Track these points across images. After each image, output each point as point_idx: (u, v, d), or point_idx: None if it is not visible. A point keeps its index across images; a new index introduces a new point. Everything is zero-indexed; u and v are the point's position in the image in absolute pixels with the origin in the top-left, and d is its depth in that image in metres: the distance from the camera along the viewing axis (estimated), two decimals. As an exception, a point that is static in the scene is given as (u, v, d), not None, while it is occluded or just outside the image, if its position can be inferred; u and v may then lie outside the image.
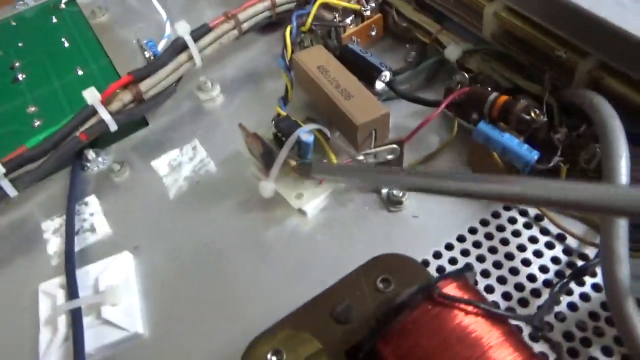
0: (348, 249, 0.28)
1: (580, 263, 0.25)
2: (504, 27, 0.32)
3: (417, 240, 0.27)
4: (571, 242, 0.26)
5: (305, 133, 0.29)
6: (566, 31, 0.28)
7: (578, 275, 0.23)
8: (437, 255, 0.27)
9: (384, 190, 0.29)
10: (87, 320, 0.26)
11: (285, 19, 0.40)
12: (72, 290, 0.27)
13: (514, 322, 0.21)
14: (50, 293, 0.28)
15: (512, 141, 0.26)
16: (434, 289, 0.18)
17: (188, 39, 0.34)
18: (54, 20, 0.48)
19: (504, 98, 0.27)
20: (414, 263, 0.21)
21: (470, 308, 0.18)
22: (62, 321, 0.26)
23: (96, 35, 0.45)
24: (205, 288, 0.27)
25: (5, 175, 0.30)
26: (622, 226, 0.21)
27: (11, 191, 0.31)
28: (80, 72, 0.42)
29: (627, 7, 0.26)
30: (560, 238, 0.26)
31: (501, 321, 0.18)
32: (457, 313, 0.18)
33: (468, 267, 0.19)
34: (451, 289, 0.19)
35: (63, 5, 0.49)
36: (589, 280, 0.24)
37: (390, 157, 0.28)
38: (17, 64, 0.44)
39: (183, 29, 0.34)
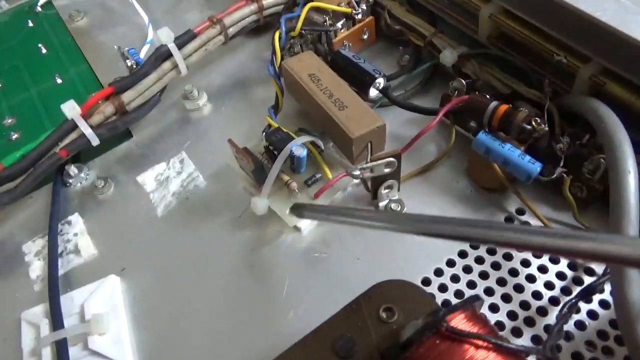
0: (346, 267, 0.27)
1: (585, 278, 0.24)
2: (501, 30, 0.31)
3: (418, 258, 0.26)
4: (576, 256, 0.25)
5: (298, 147, 0.27)
6: (566, 35, 0.27)
7: (586, 295, 0.22)
8: (439, 272, 0.26)
9: (382, 204, 0.28)
10: (73, 352, 0.25)
11: (273, 22, 0.38)
12: (56, 320, 0.26)
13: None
14: (34, 322, 0.26)
15: (513, 153, 0.25)
16: (442, 323, 0.17)
17: (172, 47, 0.33)
18: (30, 24, 0.46)
19: (504, 107, 0.26)
20: (417, 290, 0.20)
21: (480, 342, 0.17)
22: (47, 353, 0.25)
23: (75, 40, 0.43)
24: (197, 312, 0.26)
25: (-18, 196, 0.29)
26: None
27: (-12, 213, 0.29)
28: (59, 80, 0.40)
29: (630, 11, 0.25)
30: (565, 252, 0.25)
31: (512, 354, 0.17)
32: (466, 347, 0.17)
33: (476, 297, 0.18)
34: (460, 321, 0.18)
35: (39, 9, 0.47)
36: (596, 297, 0.24)
37: (387, 170, 0.27)
38: (-9, 72, 0.42)
39: (166, 36, 0.33)
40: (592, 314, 0.23)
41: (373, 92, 0.32)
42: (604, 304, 0.23)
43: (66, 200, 0.32)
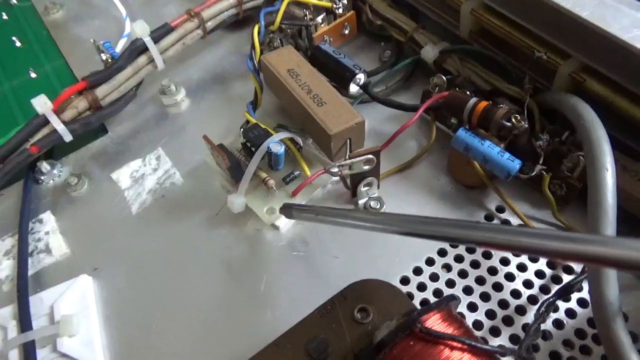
0: (325, 266, 0.26)
1: (564, 276, 0.24)
2: (482, 26, 0.30)
3: (397, 256, 0.26)
4: (555, 254, 0.25)
5: (276, 144, 0.27)
6: (547, 32, 0.27)
7: (564, 294, 0.22)
8: (418, 271, 0.25)
9: (361, 202, 0.28)
10: (41, 354, 0.24)
11: (253, 16, 0.38)
12: (24, 321, 0.25)
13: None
14: (1, 324, 0.25)
15: (493, 150, 0.25)
16: (416, 324, 0.17)
17: (147, 40, 0.32)
18: (4, 17, 0.45)
19: (483, 104, 0.26)
20: (393, 289, 0.20)
21: (455, 343, 0.17)
22: (14, 356, 0.24)
23: (50, 33, 0.42)
24: (172, 313, 0.26)
25: (-53, 194, 0.28)
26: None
27: (-45, 211, 0.28)
28: (33, 75, 0.39)
29: (609, 6, 0.25)
30: (544, 250, 0.25)
31: (487, 355, 0.17)
32: (441, 349, 0.17)
33: (452, 296, 0.18)
34: (435, 321, 0.17)
35: (14, 1, 0.46)
36: (575, 295, 0.23)
37: (366, 167, 0.26)
38: (-37, 66, 0.41)
39: (142, 30, 0.32)
40: (570, 313, 0.23)
41: (353, 88, 0.31)
42: (582, 302, 0.23)
43: (38, 197, 0.31)
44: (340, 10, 0.34)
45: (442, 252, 0.26)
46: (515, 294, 0.24)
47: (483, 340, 0.20)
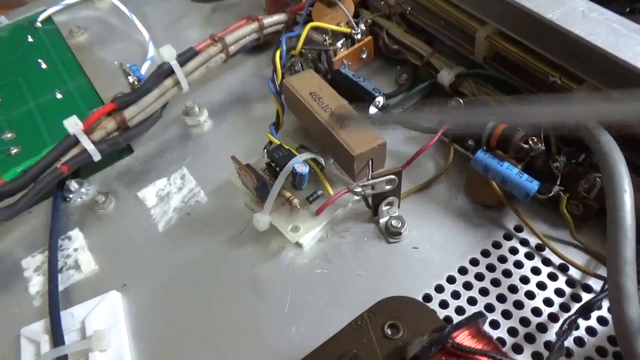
0: (348, 283, 0.27)
1: (583, 294, 0.25)
2: (497, 51, 0.31)
3: (418, 273, 0.27)
4: (573, 272, 0.26)
5: (300, 164, 0.28)
6: (561, 57, 0.28)
7: (585, 312, 0.22)
8: (439, 289, 0.26)
9: (382, 221, 0.29)
10: (74, 369, 0.25)
11: (273, 39, 0.39)
12: (57, 336, 0.26)
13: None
14: (33, 339, 0.26)
15: (511, 171, 0.26)
16: (448, 340, 0.17)
17: (174, 64, 0.33)
18: (30, 39, 0.46)
19: (501, 127, 0.27)
20: (421, 306, 0.20)
21: (485, 358, 0.17)
22: (47, 370, 0.25)
23: (75, 55, 0.44)
24: (199, 329, 0.26)
25: (-18, 211, 0.29)
26: (629, 262, 0.21)
27: (-12, 228, 0.29)
28: (58, 95, 0.40)
29: (621, 35, 0.26)
30: (563, 269, 0.26)
31: (516, 370, 0.18)
32: (472, 364, 0.17)
33: (480, 313, 0.18)
34: (464, 337, 0.18)
35: (39, 24, 0.47)
36: (594, 313, 0.24)
37: (388, 187, 0.27)
38: (-10, 87, 0.42)
39: (169, 54, 0.33)
40: (591, 331, 0.24)
41: (372, 111, 0.32)
42: (602, 320, 0.24)
43: (66, 215, 0.32)
44: (359, 36, 0.36)
45: (462, 270, 0.27)
46: (536, 311, 0.25)
47: (510, 357, 0.20)
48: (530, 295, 0.25)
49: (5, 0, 0.96)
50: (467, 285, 0.26)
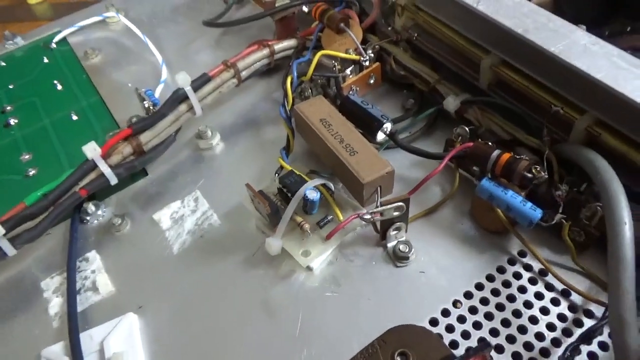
0: (357, 307, 0.28)
1: (585, 320, 0.26)
2: (501, 79, 0.32)
3: (425, 297, 0.28)
4: (575, 298, 0.27)
5: (311, 190, 0.29)
6: (563, 89, 0.29)
7: (587, 339, 0.23)
8: (446, 313, 0.27)
9: (390, 245, 0.30)
10: (94, 390, 0.26)
11: (283, 64, 0.40)
12: (77, 358, 0.27)
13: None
14: (54, 360, 0.27)
15: (516, 199, 0.27)
16: (456, 370, 0.18)
17: (189, 90, 0.34)
18: (45, 60, 0.47)
19: (506, 156, 0.28)
20: (429, 335, 0.21)
21: (491, 388, 0.18)
22: (68, 392, 0.26)
23: (89, 77, 0.45)
24: (213, 351, 0.27)
25: (4, 235, 0.30)
26: (629, 293, 0.22)
27: (10, 250, 0.30)
28: (74, 117, 0.42)
29: (621, 69, 0.27)
30: (565, 294, 0.27)
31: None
32: (479, 393, 0.18)
33: (486, 344, 0.19)
34: (471, 367, 0.19)
35: (54, 45, 0.49)
36: (595, 338, 0.25)
37: (396, 213, 0.28)
38: (8, 108, 0.43)
39: (184, 80, 0.34)
40: (592, 356, 0.25)
41: (380, 136, 0.33)
42: (603, 346, 0.25)
43: (83, 237, 0.33)
44: (367, 63, 0.37)
45: (468, 295, 0.27)
46: (539, 336, 0.26)
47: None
48: (533, 320, 0.26)
49: (18, 14, 0.98)
50: (473, 310, 0.27)
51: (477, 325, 0.26)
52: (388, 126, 0.33)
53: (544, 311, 0.26)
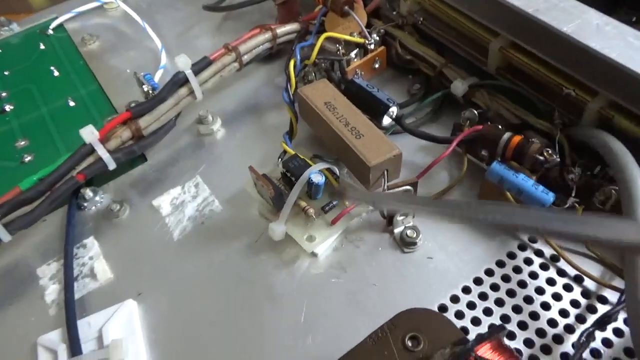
0: (363, 293, 0.27)
1: (599, 306, 0.25)
2: (510, 62, 0.32)
3: (434, 284, 0.27)
4: (589, 283, 0.26)
5: (316, 174, 0.28)
6: (575, 70, 0.28)
7: (602, 325, 0.23)
8: (455, 299, 0.26)
9: (397, 230, 0.29)
10: (92, 378, 0.25)
11: (285, 49, 0.39)
12: (74, 345, 0.26)
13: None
14: (51, 348, 0.26)
15: (527, 182, 0.26)
16: (470, 353, 0.17)
17: (189, 73, 0.34)
18: (42, 47, 0.46)
19: (517, 139, 0.27)
20: (441, 318, 0.20)
21: (507, 371, 0.17)
22: (65, 380, 0.25)
23: (87, 63, 0.44)
24: (215, 338, 0.26)
25: (-1, 220, 0.29)
26: (647, 275, 0.21)
27: (5, 236, 0.29)
28: (71, 103, 0.41)
29: (636, 48, 0.26)
30: (578, 280, 0.26)
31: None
32: (494, 377, 0.17)
33: (501, 327, 0.18)
34: (486, 350, 0.18)
35: (50, 31, 0.48)
36: (610, 325, 0.24)
37: (403, 198, 0.27)
38: (3, 94, 0.42)
39: (184, 63, 0.33)
40: (607, 342, 0.24)
41: (386, 120, 0.32)
42: (618, 332, 0.24)
43: (81, 223, 0.32)
44: (372, 46, 0.36)
45: (478, 281, 0.27)
46: (552, 323, 0.25)
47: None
48: (545, 306, 0.25)
49: (14, 6, 0.97)
50: (483, 296, 0.26)
51: (487, 312, 0.26)
52: (394, 110, 0.32)
53: (557, 297, 0.26)
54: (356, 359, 0.20)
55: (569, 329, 0.25)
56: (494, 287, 0.26)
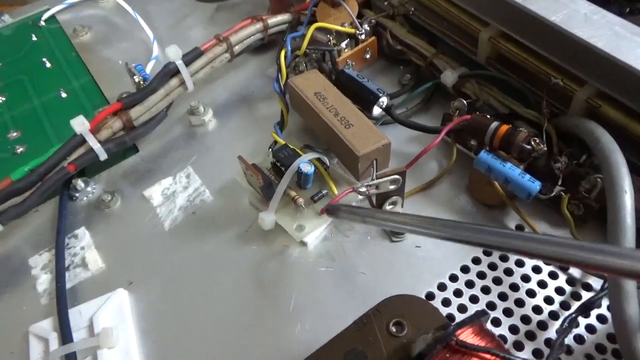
0: (352, 281, 0.27)
1: (583, 293, 0.25)
2: (499, 52, 0.32)
3: (421, 272, 0.27)
4: (573, 271, 0.26)
5: (306, 164, 0.28)
6: (563, 60, 0.28)
7: (585, 310, 0.23)
8: (442, 287, 0.26)
9: (385, 220, 0.29)
10: (82, 365, 0.25)
11: (277, 39, 0.39)
12: (65, 333, 0.26)
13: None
14: (42, 336, 0.27)
15: (514, 172, 0.26)
16: (452, 337, 0.18)
17: (180, 64, 0.34)
18: (34, 38, 0.46)
19: (505, 128, 0.27)
20: (425, 304, 0.21)
21: (488, 355, 0.18)
22: (56, 367, 0.25)
23: (79, 54, 0.44)
24: (205, 326, 0.27)
25: (-10, 210, 0.29)
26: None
27: (-4, 226, 0.29)
28: (63, 95, 0.41)
29: (622, 37, 0.26)
30: (563, 268, 0.26)
31: (519, 367, 0.18)
32: (475, 361, 0.18)
33: (483, 312, 0.19)
34: (468, 335, 0.18)
35: (43, 23, 0.47)
36: (594, 311, 0.24)
37: (392, 187, 0.28)
38: (-5, 86, 0.42)
39: (174, 54, 0.33)
40: (590, 328, 0.24)
41: (376, 111, 0.33)
42: (601, 318, 0.24)
43: (72, 214, 0.32)
44: (363, 37, 0.36)
45: (465, 269, 0.27)
46: (537, 309, 0.25)
47: (513, 354, 0.21)
48: (530, 293, 0.26)
49: (7, -2, 0.96)
50: (469, 284, 0.26)
51: (473, 299, 0.26)
52: (384, 100, 0.32)
53: (542, 284, 0.26)
54: (340, 345, 0.20)
55: (554, 315, 0.25)
56: (481, 275, 0.27)
